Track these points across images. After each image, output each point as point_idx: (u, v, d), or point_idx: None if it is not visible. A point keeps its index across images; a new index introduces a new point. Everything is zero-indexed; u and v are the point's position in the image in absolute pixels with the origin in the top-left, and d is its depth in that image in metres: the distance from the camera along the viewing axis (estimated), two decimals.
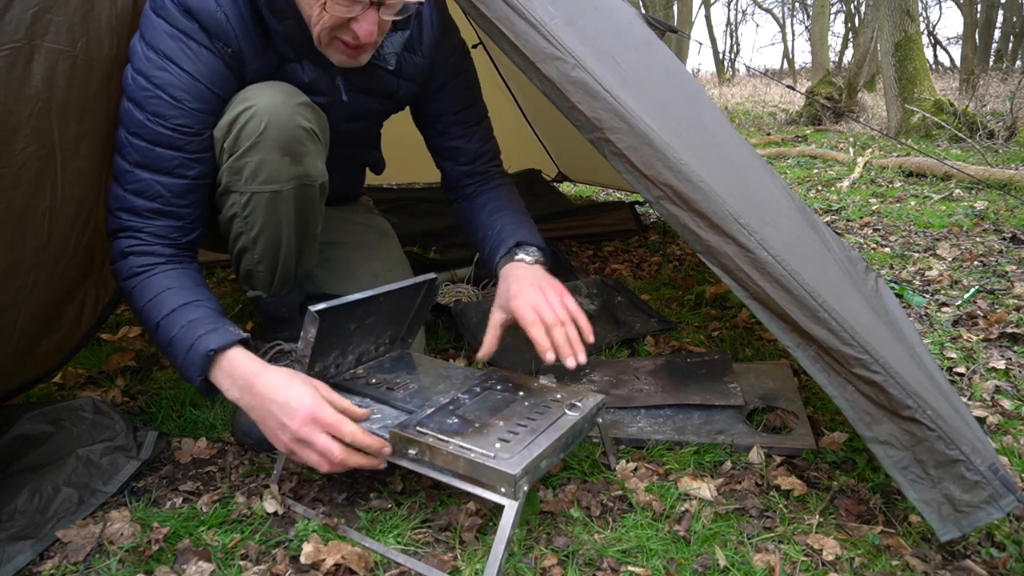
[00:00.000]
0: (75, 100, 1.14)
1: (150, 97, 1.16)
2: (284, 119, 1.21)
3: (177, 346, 1.13)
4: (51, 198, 1.15)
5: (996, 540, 1.11)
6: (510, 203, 1.52)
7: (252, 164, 1.22)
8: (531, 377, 1.27)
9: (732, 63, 27.57)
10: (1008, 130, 6.07)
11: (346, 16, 1.16)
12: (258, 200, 1.25)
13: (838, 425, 1.44)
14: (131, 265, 1.20)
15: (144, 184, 1.19)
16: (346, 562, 1.03)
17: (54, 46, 1.08)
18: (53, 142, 1.12)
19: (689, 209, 1.14)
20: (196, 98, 1.19)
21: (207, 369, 1.11)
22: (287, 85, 1.26)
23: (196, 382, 1.13)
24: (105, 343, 1.89)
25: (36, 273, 1.19)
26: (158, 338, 1.17)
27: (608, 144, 1.17)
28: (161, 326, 1.15)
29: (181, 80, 1.17)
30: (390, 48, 1.35)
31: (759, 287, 1.11)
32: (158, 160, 1.19)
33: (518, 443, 1.03)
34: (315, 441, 1.03)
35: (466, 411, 1.14)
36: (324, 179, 1.33)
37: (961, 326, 2.05)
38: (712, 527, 1.14)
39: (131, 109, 1.17)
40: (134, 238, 1.21)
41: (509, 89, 3.46)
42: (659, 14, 16.22)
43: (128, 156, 1.18)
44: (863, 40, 9.11)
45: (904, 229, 3.35)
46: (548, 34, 1.16)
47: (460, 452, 1.02)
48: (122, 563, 1.05)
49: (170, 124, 1.17)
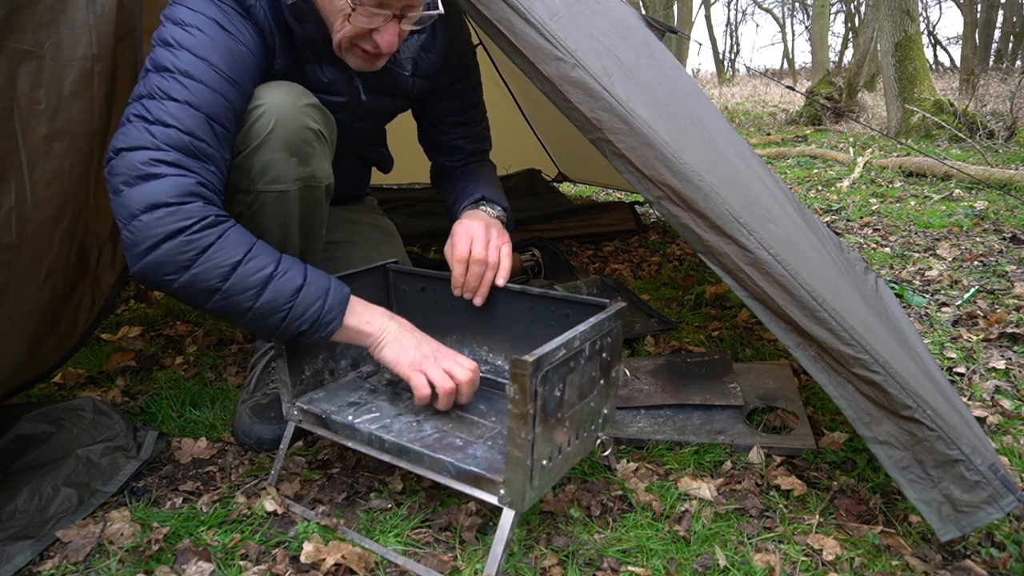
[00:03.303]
0: (43, 100, 1.13)
1: (212, 47, 1.12)
2: (292, 119, 1.21)
3: (311, 292, 1.09)
4: (17, 197, 1.13)
5: (996, 540, 1.11)
6: (483, 174, 1.55)
7: (259, 163, 1.21)
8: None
9: (732, 63, 27.58)
10: (1008, 130, 6.07)
11: (369, 27, 1.18)
12: (264, 200, 1.25)
13: (838, 425, 1.44)
14: (205, 213, 1.04)
15: (198, 122, 1.07)
16: (346, 562, 1.03)
17: (18, 46, 1.07)
18: (16, 142, 1.11)
19: (689, 209, 1.14)
20: (249, 65, 1.18)
21: (346, 311, 1.13)
22: (297, 86, 1.26)
23: (335, 328, 1.12)
24: (105, 343, 1.89)
25: (13, 271, 1.16)
26: (276, 289, 1.07)
27: (608, 144, 1.17)
28: (279, 276, 1.07)
29: (237, 46, 1.16)
30: (406, 53, 1.39)
31: (759, 287, 1.11)
32: (213, 105, 1.10)
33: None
34: (450, 358, 1.16)
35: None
36: (330, 180, 1.34)
37: (961, 326, 2.05)
38: (712, 527, 1.14)
39: (183, 54, 1.09)
40: (196, 177, 1.05)
41: (509, 89, 3.46)
42: (659, 14, 16.22)
43: (176, 94, 1.07)
44: (863, 40, 9.11)
45: (904, 229, 3.35)
46: (548, 34, 1.16)
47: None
48: (122, 563, 1.05)
49: (228, 75, 1.13)
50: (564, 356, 0.99)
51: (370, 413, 1.20)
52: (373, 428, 1.13)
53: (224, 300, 1.05)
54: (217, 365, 1.77)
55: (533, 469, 0.97)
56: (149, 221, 1.00)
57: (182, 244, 1.01)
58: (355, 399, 1.26)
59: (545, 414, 0.97)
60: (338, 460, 1.34)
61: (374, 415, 1.19)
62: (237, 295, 1.05)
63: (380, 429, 1.13)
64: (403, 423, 1.17)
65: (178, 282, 1.03)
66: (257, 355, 1.52)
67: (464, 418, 1.18)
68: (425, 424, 1.16)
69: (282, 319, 1.08)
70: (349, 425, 1.15)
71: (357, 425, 1.14)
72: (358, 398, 1.26)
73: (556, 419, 1.01)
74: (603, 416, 1.17)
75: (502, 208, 1.45)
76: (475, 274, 1.27)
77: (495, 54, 3.10)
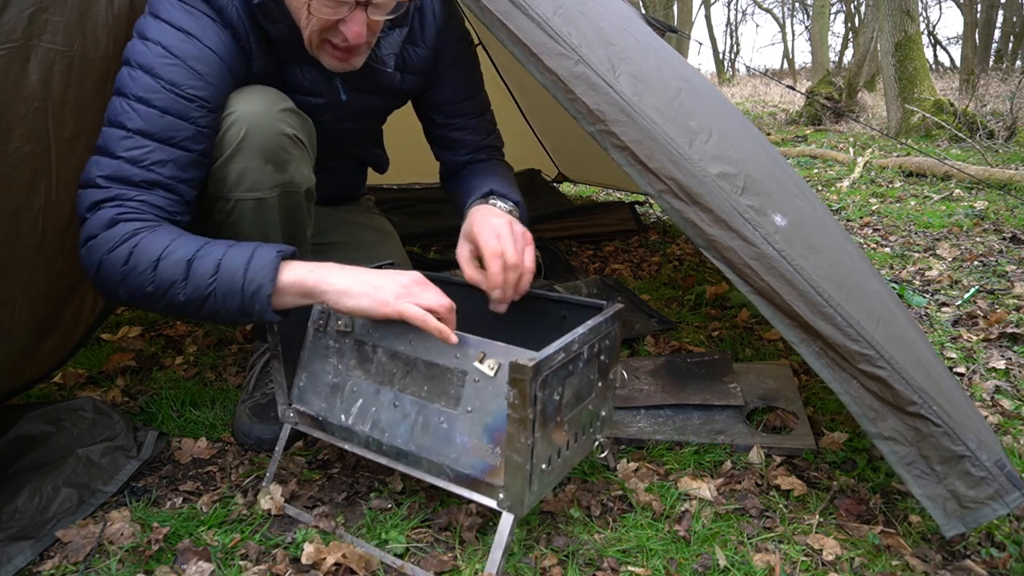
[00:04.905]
0: (71, 100, 1.14)
1: (169, 64, 1.11)
2: (265, 126, 1.19)
3: (230, 263, 1.04)
4: (46, 198, 1.15)
5: (996, 540, 1.10)
6: (494, 170, 1.47)
7: (235, 172, 1.19)
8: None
9: (732, 63, 27.59)
10: (1008, 130, 6.08)
11: (333, 18, 1.14)
12: (243, 207, 1.23)
13: (838, 425, 1.44)
14: (123, 231, 1.06)
15: (145, 152, 1.10)
16: (347, 561, 1.03)
17: (51, 46, 1.08)
18: (48, 142, 1.12)
19: (693, 203, 1.12)
20: (216, 74, 1.15)
21: (278, 271, 1.04)
22: (272, 90, 1.24)
23: (266, 292, 1.03)
24: (105, 343, 1.89)
25: (30, 273, 1.19)
26: (194, 275, 1.04)
27: (611, 137, 1.15)
28: (197, 260, 1.05)
29: (203, 54, 1.14)
30: (387, 49, 1.33)
31: (764, 281, 1.10)
32: (166, 128, 1.11)
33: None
34: (431, 288, 1.07)
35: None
36: (310, 184, 1.31)
37: (961, 326, 2.05)
38: (712, 527, 1.14)
39: (139, 75, 1.10)
40: (123, 207, 1.08)
41: (509, 89, 3.45)
42: (659, 14, 16.21)
43: (128, 122, 1.09)
44: (863, 40, 9.11)
45: (904, 229, 3.35)
46: (551, 30, 1.15)
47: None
48: (122, 563, 1.05)
49: (186, 93, 1.12)
50: (563, 360, 0.99)
51: (355, 400, 1.15)
52: (367, 429, 1.12)
53: (164, 299, 1.07)
54: (217, 365, 1.77)
55: (532, 473, 0.97)
56: (85, 253, 1.09)
57: (110, 263, 1.07)
58: (333, 378, 1.18)
59: (544, 418, 0.97)
60: (338, 460, 1.34)
61: (359, 402, 1.14)
62: (168, 290, 1.06)
63: (374, 429, 1.11)
64: (386, 404, 1.11)
65: (125, 296, 1.09)
66: (256, 355, 1.52)
67: (435, 373, 1.08)
68: (404, 399, 1.09)
69: (217, 299, 1.05)
70: (346, 428, 1.14)
71: (354, 428, 1.13)
72: (335, 375, 1.18)
73: (555, 423, 1.01)
74: (601, 418, 1.17)
75: (513, 202, 1.35)
76: (510, 281, 1.17)
77: (495, 54, 3.10)
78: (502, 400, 0.98)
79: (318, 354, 1.19)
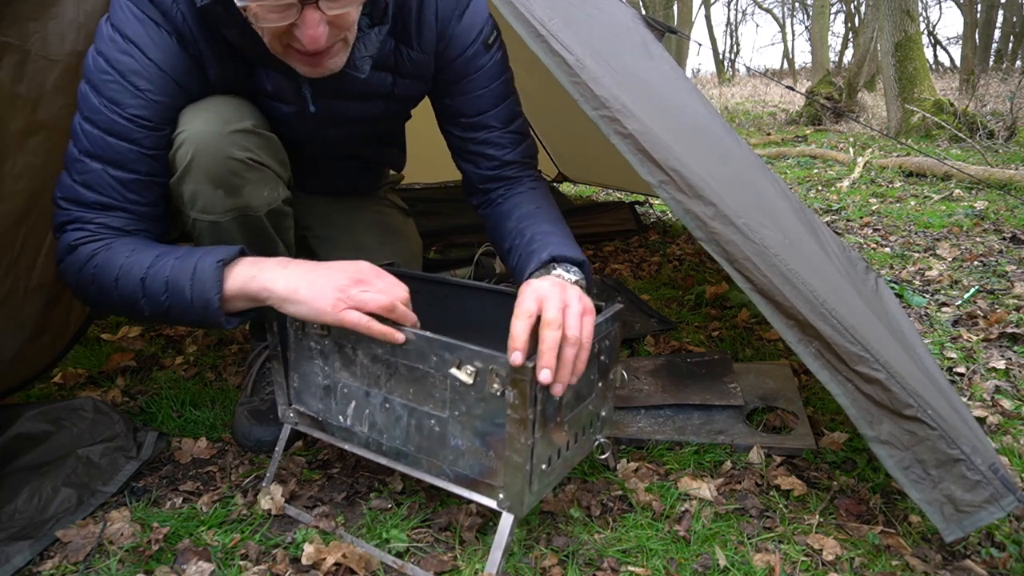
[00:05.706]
0: (23, 94, 1.10)
1: (109, 81, 1.06)
2: (212, 151, 1.11)
3: (177, 280, 1.03)
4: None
5: (996, 540, 1.11)
6: (541, 209, 1.30)
7: (187, 192, 1.14)
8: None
9: (732, 63, 27.58)
10: (1008, 130, 6.08)
11: (281, 24, 1.01)
12: (200, 227, 1.18)
13: (838, 425, 1.44)
14: (83, 254, 1.08)
15: (94, 175, 1.08)
16: (347, 561, 1.03)
17: (2, 39, 1.06)
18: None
19: (696, 197, 1.11)
20: (159, 89, 1.09)
21: (222, 281, 1.02)
22: (230, 106, 1.16)
23: (214, 305, 1.01)
24: (105, 343, 1.89)
25: None
26: (149, 293, 1.05)
27: (615, 123, 1.13)
28: (149, 278, 1.04)
29: (145, 68, 1.07)
30: (363, 51, 1.18)
31: (766, 277, 1.10)
32: (110, 150, 1.08)
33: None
34: (376, 281, 1.04)
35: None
36: (274, 204, 1.22)
37: (961, 326, 2.05)
38: (712, 527, 1.14)
39: (88, 92, 1.07)
40: (82, 230, 1.09)
41: None
42: (659, 14, 16.22)
43: (79, 144, 1.08)
44: (863, 40, 9.11)
45: (904, 229, 3.35)
46: (548, 34, 1.16)
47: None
48: (122, 563, 1.05)
49: (126, 113, 1.07)
50: None
51: (348, 402, 1.13)
52: (365, 429, 1.12)
53: (137, 312, 1.08)
54: (217, 365, 1.77)
55: (532, 474, 0.97)
56: (60, 274, 1.13)
57: (81, 285, 1.10)
58: (323, 380, 1.16)
59: (544, 418, 0.97)
60: (338, 460, 1.35)
61: (352, 404, 1.13)
62: (134, 305, 1.07)
63: (372, 430, 1.11)
64: (377, 406, 1.10)
65: (107, 309, 1.12)
66: (253, 354, 1.52)
67: (417, 376, 1.05)
68: (394, 402, 1.08)
69: (178, 312, 1.05)
70: (345, 428, 1.14)
71: (353, 428, 1.13)
72: (324, 377, 1.16)
73: (555, 423, 1.01)
74: (601, 418, 1.17)
75: (578, 266, 1.16)
76: (550, 343, 0.94)
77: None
78: (487, 405, 0.97)
79: (303, 355, 1.17)
